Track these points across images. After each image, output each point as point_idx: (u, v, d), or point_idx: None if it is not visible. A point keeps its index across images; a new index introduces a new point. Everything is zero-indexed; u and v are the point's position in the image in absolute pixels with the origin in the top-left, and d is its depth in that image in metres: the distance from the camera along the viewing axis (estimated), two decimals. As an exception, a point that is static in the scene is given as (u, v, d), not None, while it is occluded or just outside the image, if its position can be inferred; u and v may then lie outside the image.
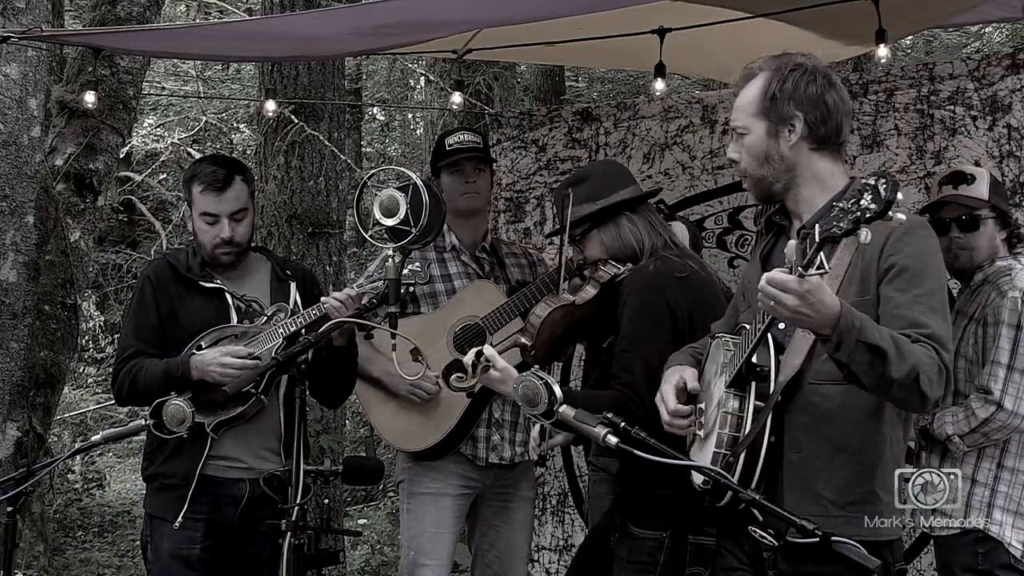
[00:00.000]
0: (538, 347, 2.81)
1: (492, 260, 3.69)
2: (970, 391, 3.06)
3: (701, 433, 2.36)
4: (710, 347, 2.48)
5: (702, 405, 2.36)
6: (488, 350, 2.54)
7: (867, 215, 1.74)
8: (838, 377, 2.17)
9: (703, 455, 2.26)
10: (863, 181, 1.77)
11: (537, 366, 2.50)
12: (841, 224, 1.77)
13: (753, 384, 2.20)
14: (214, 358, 3.00)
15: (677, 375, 2.41)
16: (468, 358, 2.54)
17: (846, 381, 2.06)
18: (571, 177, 3.12)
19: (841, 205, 1.79)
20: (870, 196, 1.74)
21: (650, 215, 2.92)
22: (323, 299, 2.99)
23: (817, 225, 1.82)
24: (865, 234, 1.77)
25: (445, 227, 3.50)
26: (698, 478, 2.30)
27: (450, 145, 3.58)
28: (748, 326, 2.27)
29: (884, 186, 1.73)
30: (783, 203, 2.35)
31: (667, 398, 2.37)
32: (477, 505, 3.59)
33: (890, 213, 1.75)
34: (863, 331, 1.96)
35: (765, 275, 1.93)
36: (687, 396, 2.37)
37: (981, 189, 3.17)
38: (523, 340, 2.82)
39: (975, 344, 3.08)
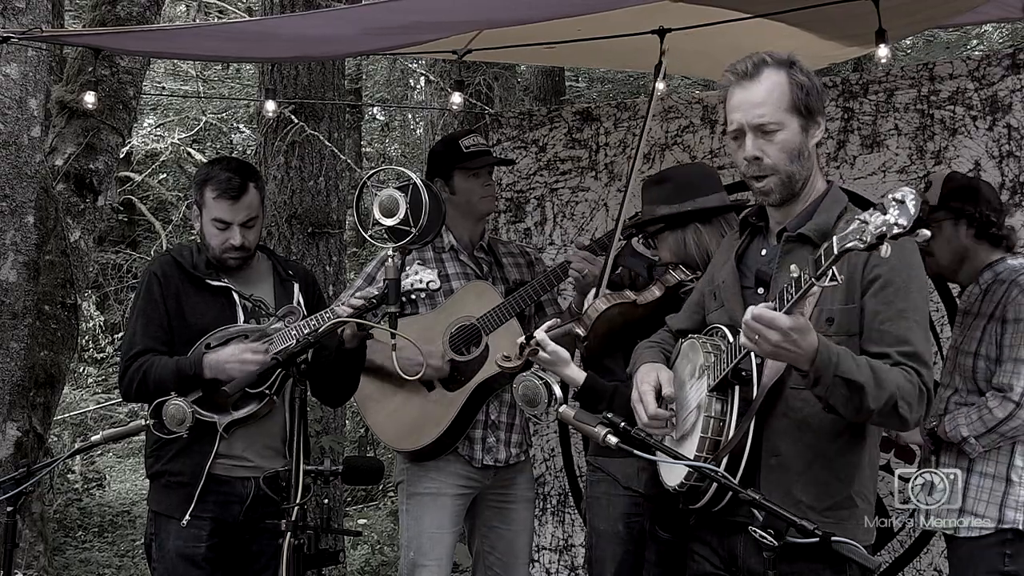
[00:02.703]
0: (593, 340, 2.82)
1: (490, 260, 3.69)
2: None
3: (675, 435, 2.34)
4: (682, 346, 2.45)
5: (673, 406, 2.34)
6: (539, 334, 2.60)
7: (894, 231, 1.68)
8: None
9: None
10: (890, 195, 1.70)
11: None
12: (864, 238, 1.71)
13: (736, 388, 2.19)
14: (232, 354, 3.01)
15: (654, 375, 2.38)
16: (519, 340, 2.60)
17: (825, 411, 2.08)
18: (656, 175, 3.15)
19: (862, 218, 1.73)
20: (897, 211, 1.67)
21: (724, 227, 2.89)
22: (335, 309, 2.98)
23: (835, 237, 1.78)
24: (886, 249, 1.71)
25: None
26: (672, 481, 2.28)
27: (467, 147, 3.58)
28: (728, 329, 2.25)
29: (912, 201, 1.66)
30: (764, 205, 2.32)
31: (647, 401, 2.34)
32: (477, 506, 3.59)
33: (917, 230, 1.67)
34: (840, 366, 1.97)
35: (750, 310, 1.93)
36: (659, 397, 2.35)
37: None
38: (578, 330, 2.82)
39: (993, 344, 3.01)
